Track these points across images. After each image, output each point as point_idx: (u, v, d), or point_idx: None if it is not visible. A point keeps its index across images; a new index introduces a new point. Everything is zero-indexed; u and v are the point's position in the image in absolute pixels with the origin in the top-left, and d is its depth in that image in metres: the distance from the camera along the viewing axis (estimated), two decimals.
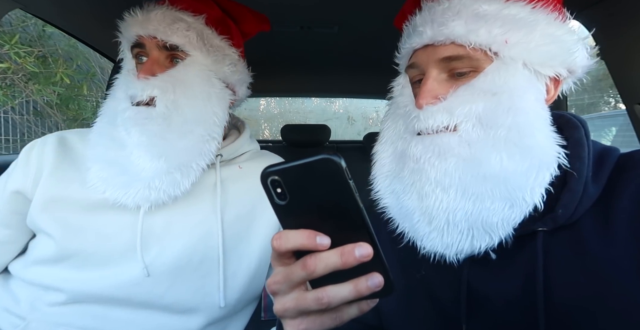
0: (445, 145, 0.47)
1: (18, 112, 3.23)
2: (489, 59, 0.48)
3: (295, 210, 0.31)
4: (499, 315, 0.50)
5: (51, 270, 0.65)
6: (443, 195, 0.47)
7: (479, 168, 0.45)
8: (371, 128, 6.21)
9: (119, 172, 0.65)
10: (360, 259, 0.30)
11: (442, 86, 0.50)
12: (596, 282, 0.44)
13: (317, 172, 0.29)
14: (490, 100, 0.46)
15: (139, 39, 0.69)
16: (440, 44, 0.49)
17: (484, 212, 0.45)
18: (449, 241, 0.47)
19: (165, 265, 0.67)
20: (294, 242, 0.31)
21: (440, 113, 0.48)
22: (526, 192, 0.45)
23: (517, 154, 0.45)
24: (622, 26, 0.84)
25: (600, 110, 5.84)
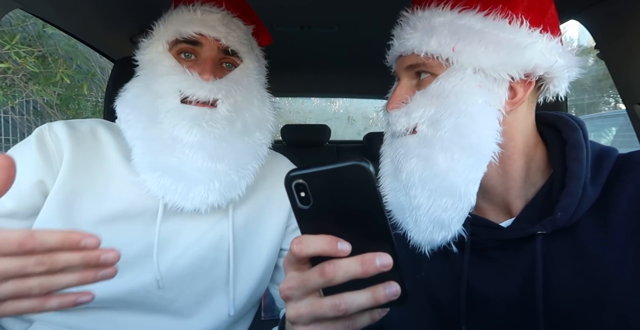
0: (408, 146, 0.52)
1: (18, 112, 3.23)
2: (443, 67, 0.51)
3: (317, 215, 0.30)
4: (499, 317, 0.50)
5: None
6: (411, 192, 0.51)
7: (432, 166, 0.50)
8: (371, 128, 6.21)
9: (177, 177, 0.63)
10: (381, 269, 0.30)
11: (409, 92, 0.55)
12: (595, 284, 0.44)
13: (344, 178, 0.29)
14: (441, 103, 0.50)
15: (197, 38, 0.67)
16: (405, 54, 0.55)
17: (437, 208, 0.49)
18: (421, 234, 0.52)
19: (178, 272, 0.66)
20: (314, 248, 0.30)
21: (402, 116, 0.53)
22: (461, 188, 0.48)
23: (456, 153, 0.48)
24: (622, 26, 0.84)
25: (600, 110, 5.84)
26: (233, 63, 0.71)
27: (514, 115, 0.51)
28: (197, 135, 0.63)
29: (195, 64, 0.68)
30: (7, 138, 3.24)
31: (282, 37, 1.26)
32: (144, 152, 0.64)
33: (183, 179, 0.63)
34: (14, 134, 3.27)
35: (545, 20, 0.51)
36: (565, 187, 0.48)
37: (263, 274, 0.75)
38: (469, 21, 0.51)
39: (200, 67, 0.67)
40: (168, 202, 0.64)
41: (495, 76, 0.49)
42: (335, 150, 2.13)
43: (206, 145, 0.63)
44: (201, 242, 0.69)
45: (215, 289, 0.70)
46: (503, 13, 0.50)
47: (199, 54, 0.69)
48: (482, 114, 0.49)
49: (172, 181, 0.63)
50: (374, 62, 1.48)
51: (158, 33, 0.70)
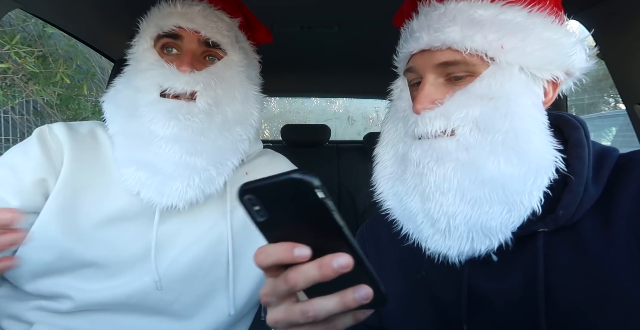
0: (443, 149, 0.48)
1: (18, 112, 3.23)
2: (485, 64, 0.48)
3: (275, 225, 0.31)
4: (500, 316, 0.50)
5: (60, 281, 0.63)
6: (443, 199, 0.47)
7: (477, 172, 0.46)
8: (371, 128, 6.21)
9: (152, 171, 0.62)
10: (339, 270, 0.29)
11: (439, 91, 0.50)
12: (597, 282, 0.44)
13: (290, 190, 0.28)
14: (487, 105, 0.46)
15: (176, 31, 0.67)
16: (436, 49, 0.50)
17: (483, 216, 0.46)
18: (451, 243, 0.48)
19: (176, 273, 0.66)
20: (273, 257, 0.30)
21: (438, 118, 0.48)
22: (524, 196, 0.45)
23: (515, 159, 0.45)
24: (622, 26, 0.84)
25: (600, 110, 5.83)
26: (216, 55, 0.70)
27: None
28: (174, 129, 0.62)
29: (177, 58, 0.67)
30: (7, 138, 3.23)
31: (282, 37, 1.25)
32: (122, 146, 0.64)
33: (158, 174, 0.62)
34: (14, 134, 3.27)
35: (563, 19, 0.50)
36: (567, 185, 0.48)
37: (262, 274, 0.75)
38: (514, 17, 0.48)
39: (180, 60, 0.66)
40: (143, 198, 0.63)
41: (540, 76, 0.47)
42: (335, 150, 2.13)
43: (183, 139, 0.62)
44: (200, 243, 0.68)
45: (214, 290, 0.70)
46: (547, 10, 0.48)
47: (181, 47, 0.68)
48: (532, 116, 0.46)
49: (148, 176, 0.62)
50: (374, 62, 1.48)
51: (142, 29, 0.70)
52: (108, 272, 0.64)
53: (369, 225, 0.69)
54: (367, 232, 0.68)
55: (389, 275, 0.62)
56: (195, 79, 0.64)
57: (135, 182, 0.62)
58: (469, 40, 0.47)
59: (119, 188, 0.65)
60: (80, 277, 0.63)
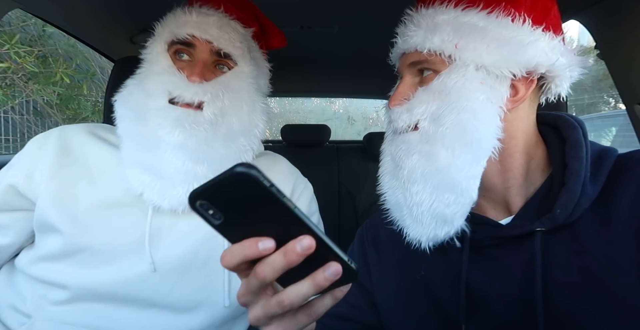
0: (409, 142, 0.53)
1: (18, 112, 3.23)
2: (445, 63, 0.52)
3: (233, 225, 0.31)
4: (498, 315, 0.50)
5: (57, 267, 0.65)
6: (412, 188, 0.52)
7: (434, 163, 0.50)
8: (371, 128, 6.21)
9: (156, 175, 0.64)
10: (304, 253, 0.29)
11: (411, 89, 0.55)
12: (595, 281, 0.44)
13: (236, 186, 0.28)
14: (443, 100, 0.50)
15: (190, 40, 0.68)
16: (408, 52, 0.55)
17: (440, 204, 0.50)
18: (421, 229, 0.52)
19: (171, 263, 0.67)
20: (239, 256, 0.30)
21: (404, 113, 0.54)
22: (463, 184, 0.49)
23: (457, 149, 0.49)
24: (622, 26, 0.84)
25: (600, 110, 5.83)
26: (227, 65, 0.72)
27: (516, 114, 0.52)
28: (180, 137, 0.64)
29: (188, 66, 0.69)
30: (7, 138, 3.24)
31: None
32: (129, 147, 0.66)
33: (162, 178, 0.64)
34: (14, 133, 3.27)
35: (548, 19, 0.52)
36: (565, 184, 0.48)
37: None
38: (472, 19, 0.51)
39: (191, 69, 0.67)
40: (146, 200, 0.64)
41: (497, 73, 0.50)
42: (335, 150, 2.13)
43: (188, 147, 0.64)
44: (195, 234, 0.69)
45: (210, 284, 0.70)
46: (506, 11, 0.50)
47: (194, 55, 0.70)
48: (483, 111, 0.49)
49: (151, 179, 0.64)
50: (374, 62, 1.48)
51: (158, 33, 0.72)
52: (103, 258, 0.65)
53: (368, 225, 0.69)
54: (367, 232, 0.68)
55: (388, 275, 0.62)
56: (204, 90, 0.66)
57: (139, 183, 0.64)
58: (428, 42, 0.52)
59: (114, 175, 0.67)
60: (76, 262, 0.64)
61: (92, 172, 0.67)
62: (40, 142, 0.70)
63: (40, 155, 0.68)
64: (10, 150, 3.22)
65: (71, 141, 0.70)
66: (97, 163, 0.69)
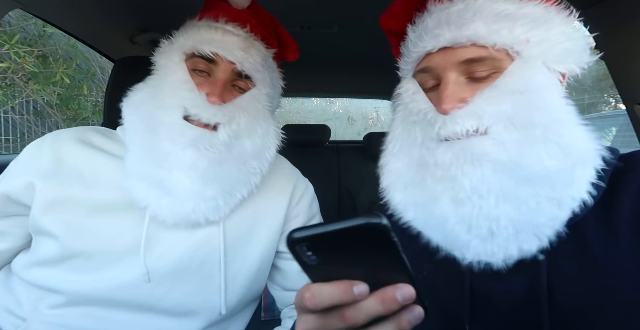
0: (479, 150, 0.45)
1: (18, 112, 3.23)
2: (509, 59, 0.47)
3: (327, 267, 0.28)
4: (503, 316, 0.50)
5: (51, 272, 0.64)
6: (482, 202, 0.44)
7: (520, 171, 0.43)
8: (371, 128, 6.21)
9: (163, 191, 0.63)
10: (403, 303, 0.28)
11: (463, 89, 0.48)
12: (599, 283, 0.44)
13: (354, 236, 0.26)
14: (519, 99, 0.45)
15: (212, 57, 0.66)
16: (459, 46, 0.48)
17: (530, 214, 0.43)
18: (495, 248, 0.45)
19: (165, 268, 0.66)
20: (330, 300, 0.28)
21: (469, 117, 0.46)
22: (573, 189, 0.44)
23: (559, 152, 0.43)
24: (622, 26, 0.84)
25: (600, 110, 5.83)
26: (244, 86, 0.70)
27: None
28: (192, 156, 0.62)
29: (206, 82, 0.67)
30: (7, 138, 3.24)
31: None
32: (137, 159, 0.64)
33: (169, 195, 0.63)
34: (14, 134, 3.27)
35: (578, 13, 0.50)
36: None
37: (256, 274, 0.75)
38: (534, 10, 0.47)
39: (210, 88, 0.66)
40: (150, 213, 0.64)
41: (557, 69, 0.47)
42: (335, 150, 2.13)
43: (198, 167, 0.63)
44: (191, 238, 0.69)
45: (205, 288, 0.70)
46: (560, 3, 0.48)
47: (213, 72, 0.68)
48: (565, 108, 0.45)
49: (158, 194, 0.63)
50: (374, 62, 1.48)
51: (177, 42, 0.69)
52: (97, 263, 0.64)
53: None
54: None
55: None
56: (222, 112, 0.64)
57: (145, 196, 0.63)
58: (495, 35, 0.46)
59: (110, 179, 0.66)
60: (70, 268, 0.64)
61: (86, 177, 0.66)
62: (34, 150, 0.69)
63: (34, 162, 0.67)
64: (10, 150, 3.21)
65: (64, 148, 0.69)
66: (91, 169, 0.67)
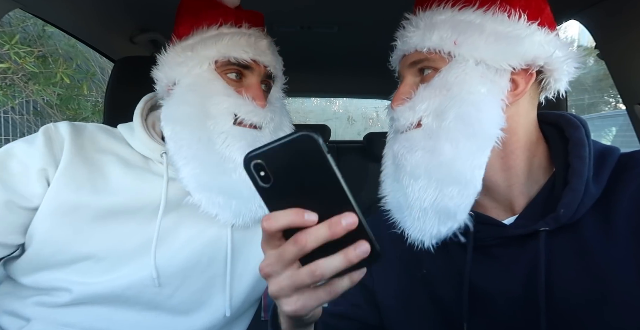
0: (413, 139, 0.53)
1: (18, 112, 3.23)
2: (445, 60, 0.53)
3: (280, 191, 0.32)
4: (501, 314, 0.50)
5: (58, 274, 0.63)
6: (415, 185, 0.52)
7: (438, 157, 0.50)
8: (371, 128, 6.21)
9: (229, 195, 0.66)
10: (347, 228, 0.31)
11: (413, 88, 0.56)
12: (597, 281, 0.44)
13: (296, 151, 0.30)
14: (445, 95, 0.51)
15: (250, 63, 0.69)
16: (408, 53, 0.56)
17: (443, 197, 0.50)
18: (424, 227, 0.52)
19: (174, 267, 0.67)
20: (283, 221, 0.32)
21: (407, 111, 0.54)
22: (467, 175, 0.49)
23: (461, 141, 0.49)
24: (622, 26, 0.84)
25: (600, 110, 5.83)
26: (269, 85, 0.76)
27: (516, 109, 0.52)
28: None
29: (241, 86, 0.70)
30: (7, 138, 3.24)
31: (282, 37, 1.26)
32: (199, 172, 0.65)
33: (235, 198, 0.66)
34: (14, 134, 3.27)
35: (542, 16, 0.53)
36: (568, 184, 0.48)
37: (259, 273, 0.75)
38: (468, 17, 0.53)
39: (251, 92, 0.69)
40: (220, 219, 0.67)
41: (497, 67, 0.50)
42: (335, 150, 2.13)
43: None
44: (198, 238, 0.69)
45: (212, 287, 0.70)
46: (501, 9, 0.52)
47: (246, 76, 0.71)
48: (485, 102, 0.50)
49: (225, 200, 0.66)
50: (374, 62, 1.48)
51: (204, 50, 0.68)
52: (106, 265, 0.64)
53: (369, 225, 0.69)
54: None
55: (390, 274, 0.62)
56: (265, 113, 0.70)
57: (213, 205, 0.66)
58: (427, 41, 0.53)
59: (119, 183, 0.66)
60: (78, 270, 0.63)
61: (96, 180, 0.66)
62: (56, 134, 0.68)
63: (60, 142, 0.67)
64: None
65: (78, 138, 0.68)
66: (100, 170, 0.67)
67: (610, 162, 0.49)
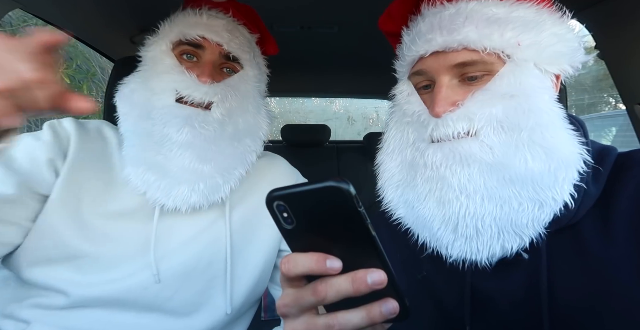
0: (467, 151, 0.46)
1: None
2: (501, 62, 0.47)
3: (303, 234, 0.30)
4: (503, 316, 0.50)
5: (56, 271, 0.63)
6: (468, 201, 0.46)
7: (504, 171, 0.45)
8: (371, 128, 6.21)
9: (161, 174, 0.64)
10: (373, 287, 0.28)
11: (456, 92, 0.49)
12: (598, 282, 0.44)
13: (324, 198, 0.28)
14: (509, 102, 0.46)
15: (200, 41, 0.69)
16: (451, 50, 0.49)
17: (513, 214, 0.45)
18: (479, 247, 0.47)
19: (173, 269, 0.67)
20: (302, 267, 0.29)
21: (460, 119, 0.47)
22: (555, 191, 0.45)
23: (543, 154, 0.44)
24: (622, 26, 0.84)
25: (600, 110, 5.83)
26: (233, 68, 0.72)
27: None
28: (188, 135, 0.64)
29: (195, 66, 0.69)
30: None
31: (282, 37, 1.26)
32: (132, 145, 0.66)
33: (167, 177, 0.64)
34: None
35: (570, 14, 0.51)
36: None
37: (260, 274, 0.76)
38: (525, 13, 0.48)
39: (200, 70, 0.68)
40: (149, 198, 0.65)
41: (551, 71, 0.48)
42: (335, 150, 2.13)
43: (195, 146, 0.64)
44: (197, 240, 0.69)
45: (212, 288, 0.70)
46: (552, 5, 0.49)
47: (201, 56, 0.70)
48: (553, 111, 0.46)
49: (156, 178, 0.64)
50: (374, 62, 1.48)
51: (163, 32, 0.71)
52: (103, 265, 0.64)
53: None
54: None
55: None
56: (214, 91, 0.66)
57: (143, 182, 0.64)
58: (486, 39, 0.46)
59: (120, 184, 0.66)
60: (76, 268, 0.63)
61: (99, 179, 0.66)
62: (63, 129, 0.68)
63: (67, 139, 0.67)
64: None
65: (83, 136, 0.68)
66: (104, 169, 0.68)
67: (609, 162, 0.49)
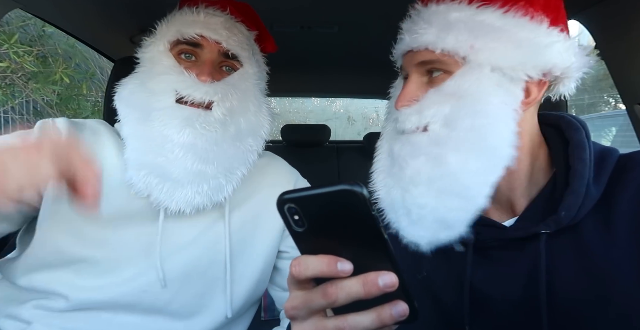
0: (417, 144, 0.51)
1: (18, 112, 3.23)
2: (458, 64, 0.49)
3: (314, 237, 0.29)
4: (502, 317, 0.50)
5: (54, 276, 0.63)
6: (415, 190, 0.50)
7: (442, 166, 0.48)
8: (371, 128, 6.21)
9: (163, 176, 0.63)
10: (384, 289, 0.28)
11: (420, 89, 0.53)
12: (598, 283, 0.44)
13: (337, 202, 0.28)
14: (456, 103, 0.48)
15: (198, 40, 0.67)
16: (416, 49, 0.52)
17: (443, 208, 0.48)
18: (421, 233, 0.50)
19: (174, 271, 0.66)
20: (313, 270, 0.29)
21: (413, 114, 0.51)
22: (473, 190, 0.47)
23: (472, 155, 0.47)
24: (622, 26, 0.84)
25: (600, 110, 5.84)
26: (233, 67, 0.71)
27: (524, 116, 0.51)
28: (189, 136, 0.62)
29: (194, 66, 0.68)
30: None
31: (282, 37, 1.25)
32: (134, 149, 0.64)
33: (169, 179, 0.63)
34: None
35: (560, 18, 0.51)
36: (569, 186, 0.48)
37: (260, 275, 0.75)
38: (488, 18, 0.49)
39: (199, 69, 0.67)
40: (152, 201, 0.63)
41: (513, 76, 0.48)
42: (335, 150, 2.13)
43: (197, 147, 0.63)
44: (197, 242, 0.69)
45: (212, 290, 0.70)
46: (522, 10, 0.48)
47: (199, 55, 0.69)
48: (500, 115, 0.47)
49: (159, 180, 0.62)
50: (374, 62, 1.48)
51: (160, 32, 0.70)
52: (103, 268, 0.64)
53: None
54: None
55: None
56: (214, 90, 0.65)
57: (146, 185, 0.63)
58: (441, 42, 0.49)
59: (115, 187, 0.65)
60: (75, 272, 0.63)
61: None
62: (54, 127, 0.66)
63: None
64: None
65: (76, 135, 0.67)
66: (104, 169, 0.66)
67: (610, 163, 0.49)
